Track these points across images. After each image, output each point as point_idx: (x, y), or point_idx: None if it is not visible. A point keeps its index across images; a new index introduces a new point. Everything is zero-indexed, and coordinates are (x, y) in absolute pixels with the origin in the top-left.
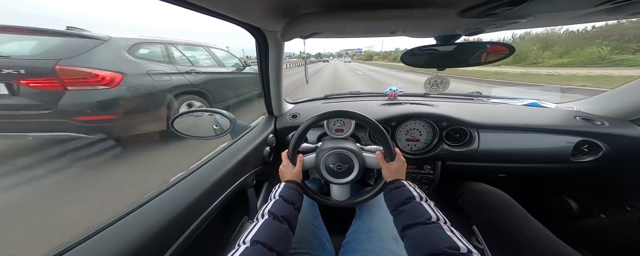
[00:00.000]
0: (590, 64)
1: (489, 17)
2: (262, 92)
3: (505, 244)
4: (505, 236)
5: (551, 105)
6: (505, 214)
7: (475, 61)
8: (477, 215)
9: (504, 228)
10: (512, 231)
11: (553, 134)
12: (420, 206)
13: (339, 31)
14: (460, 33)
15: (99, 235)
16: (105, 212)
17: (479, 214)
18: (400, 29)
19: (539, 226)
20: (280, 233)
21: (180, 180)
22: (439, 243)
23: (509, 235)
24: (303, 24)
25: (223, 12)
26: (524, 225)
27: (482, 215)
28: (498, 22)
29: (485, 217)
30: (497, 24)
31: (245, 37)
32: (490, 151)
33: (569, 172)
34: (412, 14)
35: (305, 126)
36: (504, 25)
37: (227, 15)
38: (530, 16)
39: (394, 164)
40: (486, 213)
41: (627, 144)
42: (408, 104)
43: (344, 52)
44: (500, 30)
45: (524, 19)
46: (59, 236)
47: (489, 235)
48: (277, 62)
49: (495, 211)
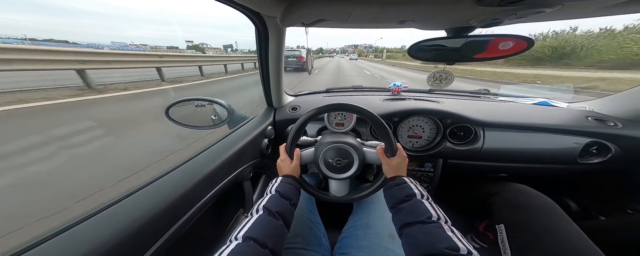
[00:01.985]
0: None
1: (510, 6)
2: (261, 83)
3: (536, 247)
4: (538, 240)
5: (562, 104)
6: (544, 218)
7: (490, 56)
8: (509, 214)
9: (539, 231)
10: (548, 236)
11: (562, 134)
12: (421, 204)
13: (343, 19)
14: (475, 25)
15: (84, 223)
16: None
17: (513, 213)
18: (410, 18)
19: (585, 240)
20: (274, 230)
21: (172, 170)
22: (437, 243)
23: (543, 238)
24: (304, 9)
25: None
26: (564, 234)
27: (516, 215)
28: (520, 11)
29: (520, 217)
30: (518, 14)
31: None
32: (495, 150)
33: (573, 173)
34: (425, 0)
35: (304, 119)
36: (526, 16)
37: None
38: (559, 4)
39: (395, 159)
40: (524, 213)
41: (637, 147)
42: (412, 100)
43: (351, 47)
44: (519, 23)
45: (551, 7)
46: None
47: (518, 236)
48: (277, 52)
49: (534, 214)
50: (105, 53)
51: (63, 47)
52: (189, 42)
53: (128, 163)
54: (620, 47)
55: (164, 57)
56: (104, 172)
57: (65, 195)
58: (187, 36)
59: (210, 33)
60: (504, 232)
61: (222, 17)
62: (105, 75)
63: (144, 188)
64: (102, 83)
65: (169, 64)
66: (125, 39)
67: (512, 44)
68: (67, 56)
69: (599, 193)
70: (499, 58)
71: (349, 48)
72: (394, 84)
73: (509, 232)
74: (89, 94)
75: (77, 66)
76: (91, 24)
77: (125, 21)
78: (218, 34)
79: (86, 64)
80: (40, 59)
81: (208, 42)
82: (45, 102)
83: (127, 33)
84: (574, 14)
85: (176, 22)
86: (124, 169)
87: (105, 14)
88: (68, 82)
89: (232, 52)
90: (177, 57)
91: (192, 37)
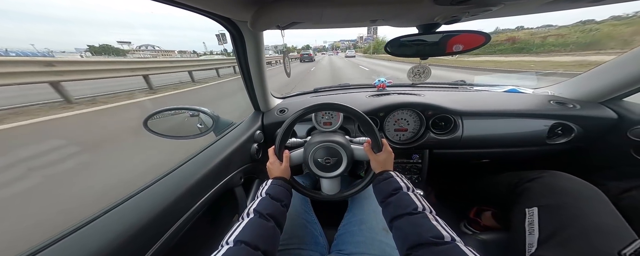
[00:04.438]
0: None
1: (462, 5)
2: (245, 88)
3: (568, 227)
4: (572, 221)
5: (528, 90)
6: (581, 200)
7: (457, 50)
8: (546, 198)
9: (574, 212)
10: (583, 217)
11: (530, 118)
12: (407, 196)
13: (316, 20)
14: (440, 22)
15: (61, 241)
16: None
17: (551, 197)
18: (380, 17)
19: (620, 221)
20: (266, 231)
21: (153, 183)
22: (423, 233)
23: (578, 219)
24: (275, 12)
25: (186, 1)
26: (602, 219)
27: (554, 198)
28: (472, 9)
29: (559, 200)
30: (471, 11)
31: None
32: (474, 137)
33: (546, 154)
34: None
35: (290, 122)
36: (477, 14)
37: (190, 5)
38: (501, 3)
39: (382, 155)
40: (564, 196)
41: (596, 125)
42: (395, 95)
43: (345, 42)
44: (476, 19)
45: (495, 6)
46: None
47: (553, 218)
48: (257, 56)
49: (573, 197)
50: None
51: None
52: (124, 44)
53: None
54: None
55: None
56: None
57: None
58: (130, 37)
59: (176, 34)
60: (536, 215)
61: (188, 17)
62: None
63: (124, 203)
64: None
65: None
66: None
67: (474, 38)
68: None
69: (570, 171)
70: (467, 51)
71: (343, 43)
72: (378, 80)
73: (542, 215)
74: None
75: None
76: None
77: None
78: (188, 34)
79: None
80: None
81: (157, 44)
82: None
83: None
84: (517, 11)
85: (140, 25)
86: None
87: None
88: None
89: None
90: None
91: (159, 40)
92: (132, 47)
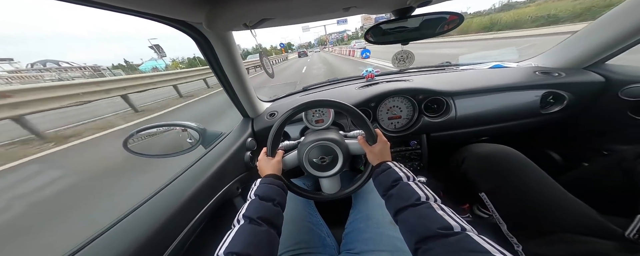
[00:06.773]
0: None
1: None
2: (229, 96)
3: (517, 208)
4: (517, 201)
5: (512, 64)
6: (515, 175)
7: (438, 32)
8: (483, 180)
9: (514, 191)
10: (524, 194)
11: (519, 90)
12: (408, 186)
13: (283, 15)
14: (413, 5)
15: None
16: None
17: (486, 179)
18: (352, 4)
19: (556, 187)
20: (258, 238)
21: (141, 205)
22: (430, 224)
23: (521, 198)
24: (233, 10)
25: (127, 6)
26: (536, 186)
27: (488, 180)
28: None
29: (493, 182)
30: None
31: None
32: (468, 116)
33: (544, 125)
34: None
35: (277, 126)
36: None
37: (131, 9)
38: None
39: (377, 146)
40: (493, 177)
41: (586, 90)
42: (384, 83)
43: (335, 35)
44: (445, 1)
45: None
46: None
47: (500, 200)
48: (230, 59)
49: (503, 173)
50: None
51: None
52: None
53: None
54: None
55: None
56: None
57: None
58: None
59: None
60: (487, 200)
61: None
62: None
63: (113, 227)
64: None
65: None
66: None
67: (450, 19)
68: None
69: (572, 140)
70: (445, 32)
71: (331, 36)
72: (366, 71)
73: (492, 199)
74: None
75: None
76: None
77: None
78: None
79: None
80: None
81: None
82: None
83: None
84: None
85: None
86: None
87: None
88: None
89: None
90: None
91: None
92: (17, 67)
